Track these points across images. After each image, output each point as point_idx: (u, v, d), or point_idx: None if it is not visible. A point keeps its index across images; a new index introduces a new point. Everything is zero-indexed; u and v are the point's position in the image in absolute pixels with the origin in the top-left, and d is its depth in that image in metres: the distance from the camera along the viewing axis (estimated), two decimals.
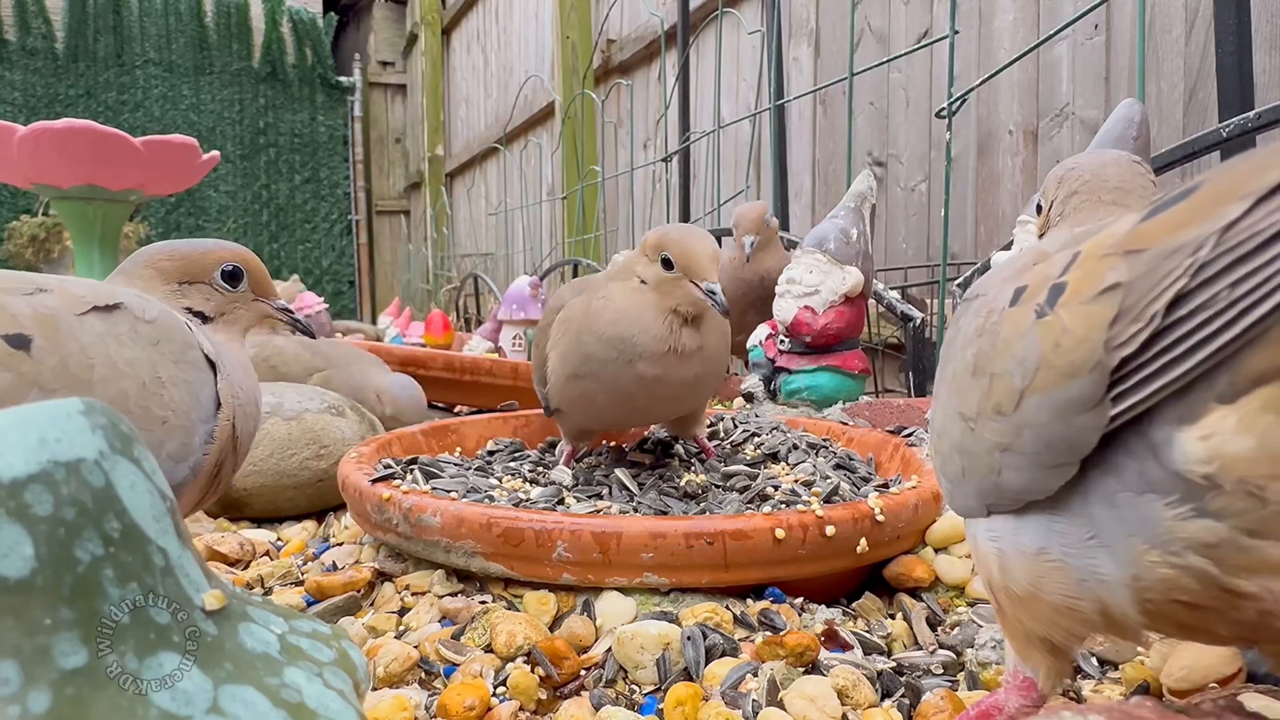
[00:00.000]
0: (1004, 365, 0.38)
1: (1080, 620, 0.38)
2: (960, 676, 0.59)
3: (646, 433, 1.03)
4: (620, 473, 0.85)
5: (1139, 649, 0.59)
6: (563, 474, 0.84)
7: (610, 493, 0.81)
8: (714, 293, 0.74)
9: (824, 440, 0.97)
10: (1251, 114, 0.93)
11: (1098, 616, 0.37)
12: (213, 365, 0.58)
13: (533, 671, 0.57)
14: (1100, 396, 0.34)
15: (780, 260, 1.51)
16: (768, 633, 0.62)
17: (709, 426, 1.05)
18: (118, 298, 0.54)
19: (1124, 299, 0.33)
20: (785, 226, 1.91)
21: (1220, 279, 0.31)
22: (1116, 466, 0.34)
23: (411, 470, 0.84)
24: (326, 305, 2.37)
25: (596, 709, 0.55)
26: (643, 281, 0.78)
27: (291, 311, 0.69)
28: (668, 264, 0.75)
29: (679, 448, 0.98)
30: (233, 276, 0.64)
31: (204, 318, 0.63)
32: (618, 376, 0.79)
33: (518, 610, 0.66)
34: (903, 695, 0.56)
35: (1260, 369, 0.30)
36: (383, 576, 0.76)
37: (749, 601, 0.66)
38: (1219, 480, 0.31)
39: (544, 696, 0.57)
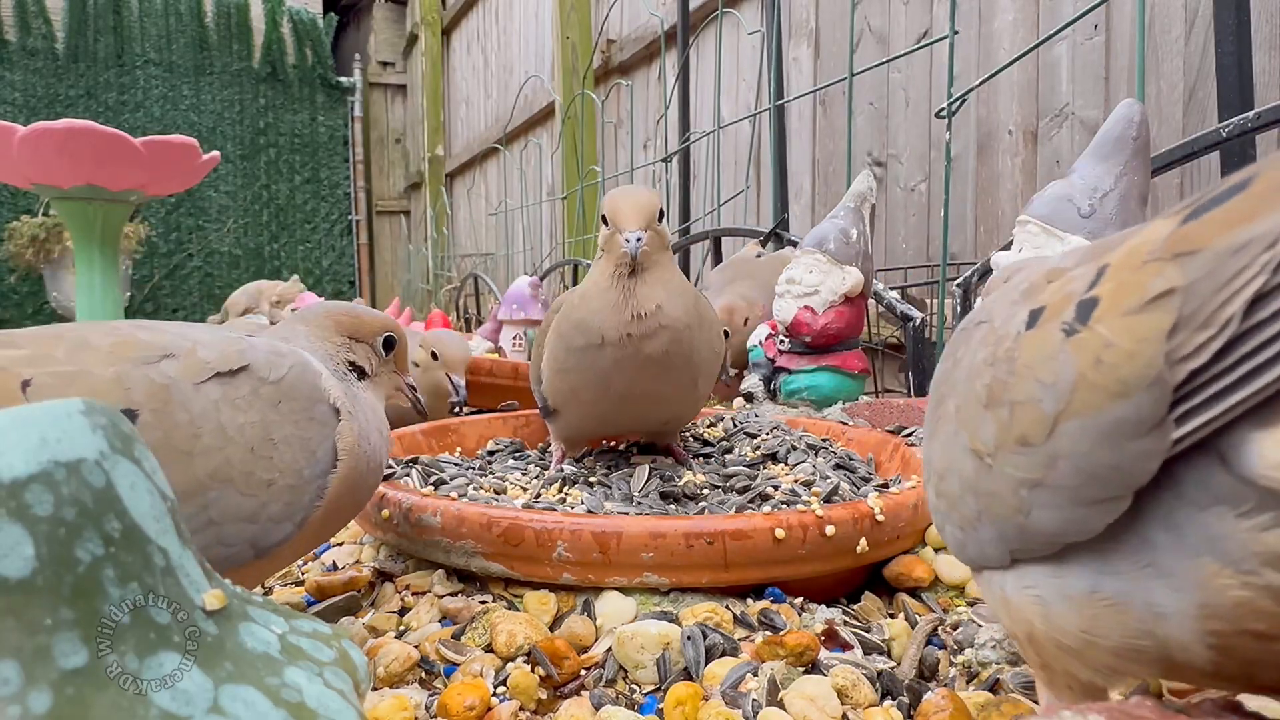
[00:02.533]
0: (1028, 392, 0.35)
1: (1142, 663, 0.34)
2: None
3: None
4: (619, 473, 0.85)
5: None
6: (559, 473, 0.84)
7: (609, 493, 0.81)
8: (628, 240, 0.74)
9: (824, 440, 0.97)
10: (1251, 114, 0.94)
11: (1160, 658, 0.33)
12: (338, 413, 0.59)
13: (533, 671, 0.57)
14: (1160, 417, 0.30)
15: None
16: (768, 632, 0.62)
17: (709, 426, 1.05)
18: (245, 359, 0.54)
19: (1183, 305, 0.30)
20: (785, 226, 1.91)
21: None
22: (1173, 480, 0.31)
23: (411, 470, 0.84)
24: None
25: (596, 709, 0.55)
26: (601, 253, 0.81)
27: (415, 389, 0.74)
28: (605, 221, 0.79)
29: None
30: (388, 345, 0.69)
31: (361, 373, 0.67)
32: (594, 363, 0.80)
33: (518, 610, 0.66)
34: (903, 695, 0.56)
35: None
36: (383, 576, 0.76)
37: (749, 601, 0.66)
38: None
39: (544, 696, 0.57)
